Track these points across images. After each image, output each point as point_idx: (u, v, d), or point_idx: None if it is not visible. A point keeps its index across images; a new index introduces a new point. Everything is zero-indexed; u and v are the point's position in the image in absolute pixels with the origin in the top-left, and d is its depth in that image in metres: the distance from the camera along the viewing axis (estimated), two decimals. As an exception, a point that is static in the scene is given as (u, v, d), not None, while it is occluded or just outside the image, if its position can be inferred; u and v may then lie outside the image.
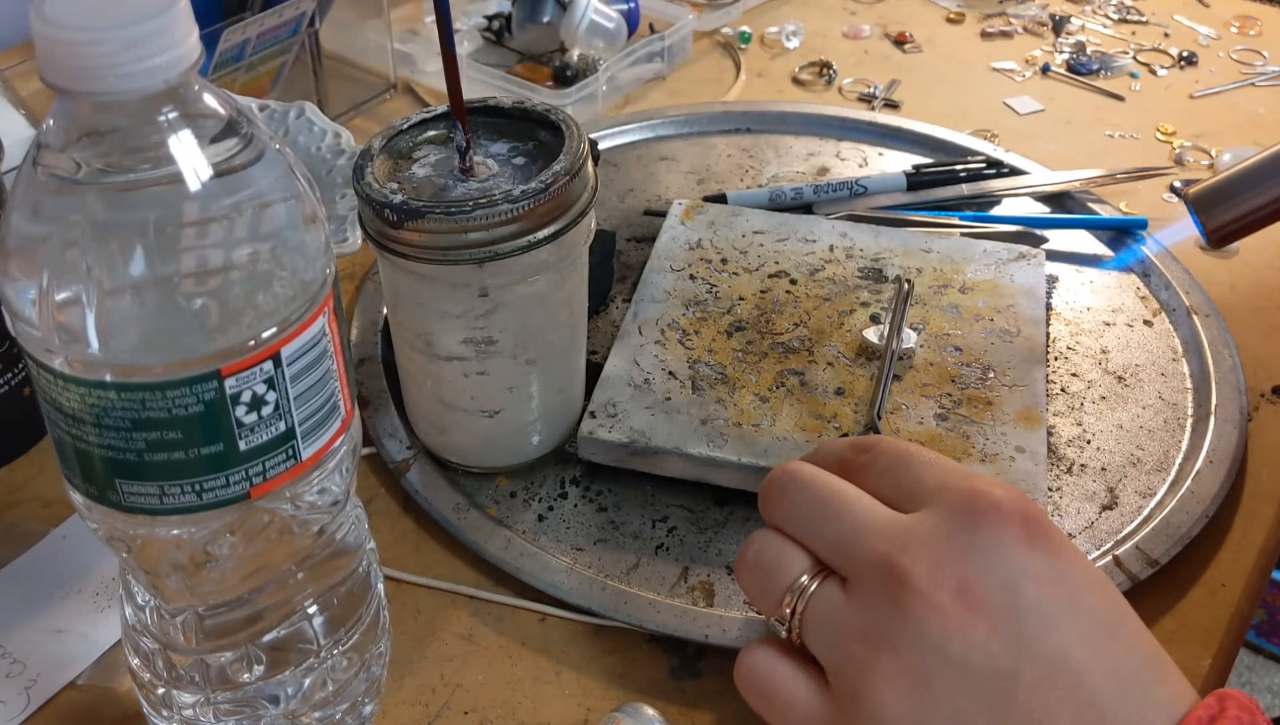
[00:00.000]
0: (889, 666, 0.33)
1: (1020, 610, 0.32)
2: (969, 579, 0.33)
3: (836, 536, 0.36)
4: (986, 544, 0.33)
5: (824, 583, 0.36)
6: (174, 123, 0.31)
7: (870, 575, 0.34)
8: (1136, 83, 0.88)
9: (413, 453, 0.55)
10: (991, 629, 0.32)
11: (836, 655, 0.35)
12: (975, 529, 0.34)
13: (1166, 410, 0.58)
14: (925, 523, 0.34)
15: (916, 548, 0.34)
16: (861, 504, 0.36)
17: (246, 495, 0.34)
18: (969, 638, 0.32)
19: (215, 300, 0.31)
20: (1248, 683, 1.43)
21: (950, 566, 0.33)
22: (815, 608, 0.36)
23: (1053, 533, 0.34)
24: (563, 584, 0.49)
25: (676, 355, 0.57)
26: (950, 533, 0.34)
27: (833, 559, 0.36)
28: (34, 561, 0.50)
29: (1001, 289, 0.61)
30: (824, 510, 0.37)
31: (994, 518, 0.34)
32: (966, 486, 0.35)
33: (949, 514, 0.34)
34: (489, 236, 0.45)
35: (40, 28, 0.29)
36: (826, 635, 0.35)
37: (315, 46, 0.79)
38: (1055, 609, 0.33)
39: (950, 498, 0.35)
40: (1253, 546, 0.52)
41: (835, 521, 0.36)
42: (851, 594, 0.35)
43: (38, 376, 0.33)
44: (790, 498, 0.38)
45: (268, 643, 0.39)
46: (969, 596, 0.33)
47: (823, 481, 0.37)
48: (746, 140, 0.79)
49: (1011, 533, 0.34)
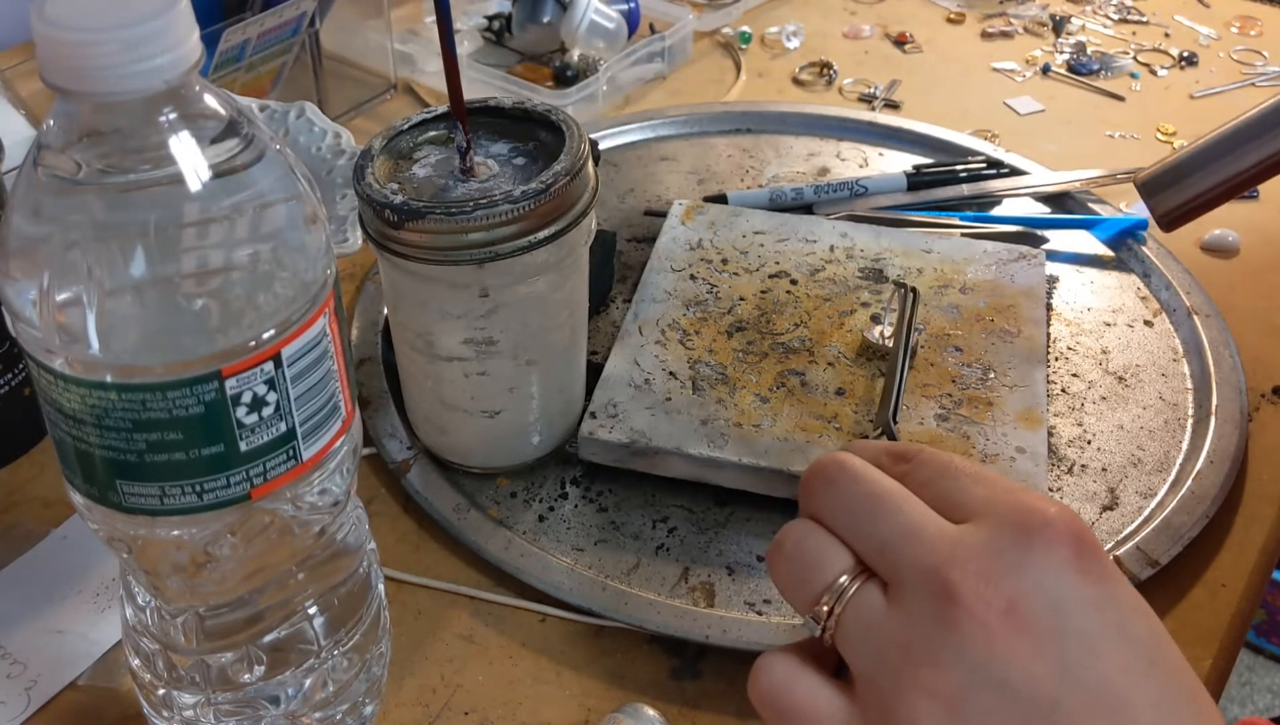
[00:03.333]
0: (928, 681, 0.32)
1: (1066, 635, 0.32)
2: (1018, 599, 0.32)
3: (885, 538, 0.35)
4: (1038, 564, 0.33)
5: (864, 585, 0.35)
6: (174, 123, 0.31)
7: (917, 584, 0.33)
8: (1137, 83, 0.88)
9: (413, 453, 0.55)
10: (1036, 652, 0.32)
11: (872, 664, 0.34)
12: (1028, 547, 0.33)
13: (1167, 411, 0.58)
14: (976, 536, 0.34)
15: (966, 561, 0.33)
16: (914, 508, 0.35)
17: (247, 496, 0.34)
18: (1013, 659, 0.32)
19: (216, 301, 0.31)
20: (1248, 683, 1.43)
21: (1000, 584, 0.32)
22: (855, 612, 0.34)
23: (1101, 556, 0.34)
24: (563, 584, 0.49)
25: (677, 355, 0.57)
26: (1001, 549, 0.33)
27: (877, 562, 0.35)
28: (34, 562, 0.50)
29: (1002, 289, 0.61)
30: (874, 509, 0.35)
31: (1047, 536, 0.33)
32: (1018, 501, 0.34)
33: (1000, 529, 0.33)
34: (489, 237, 0.45)
35: (41, 28, 0.29)
36: (864, 642, 0.34)
37: (315, 46, 0.78)
38: (1101, 636, 0.32)
39: (1001, 511, 0.34)
40: (1253, 547, 0.52)
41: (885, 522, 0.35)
42: (894, 601, 0.34)
43: (38, 377, 0.33)
44: (839, 490, 0.36)
45: (268, 643, 0.39)
46: (1017, 617, 0.32)
47: (875, 478, 0.36)
48: (747, 140, 0.79)
49: (1063, 553, 0.33)
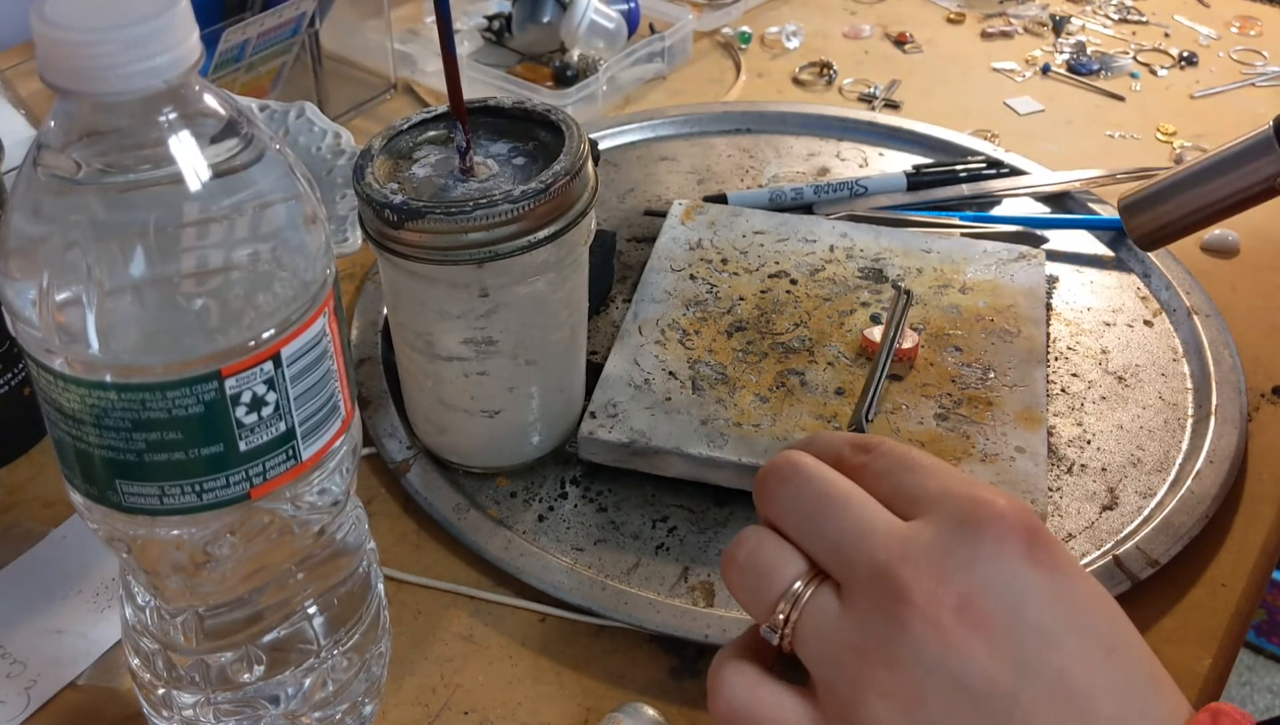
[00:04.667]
0: (884, 683, 0.32)
1: (1021, 630, 0.32)
2: (970, 595, 0.32)
3: (836, 539, 0.34)
4: (989, 559, 0.32)
5: (818, 589, 0.35)
6: (174, 123, 0.31)
7: (868, 585, 0.33)
8: (1137, 83, 0.88)
9: (413, 453, 0.55)
10: (991, 648, 0.32)
11: (830, 669, 0.34)
12: (978, 542, 0.33)
13: (1167, 410, 0.58)
14: (926, 532, 0.33)
15: (917, 559, 0.33)
16: (864, 506, 0.35)
17: (246, 496, 0.34)
18: (968, 656, 0.32)
19: (215, 300, 0.31)
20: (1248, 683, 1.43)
21: (951, 581, 0.32)
22: (810, 618, 0.34)
23: (1055, 547, 0.33)
24: (563, 584, 0.49)
25: (677, 355, 0.57)
26: (951, 544, 0.33)
27: (830, 563, 0.35)
28: (34, 561, 0.50)
29: (1002, 289, 0.61)
30: (825, 509, 0.35)
31: (997, 530, 0.33)
32: (969, 494, 0.34)
33: (950, 524, 0.33)
34: (489, 237, 0.45)
35: (41, 28, 0.29)
36: (820, 647, 0.34)
37: (315, 46, 0.78)
38: (1056, 628, 0.32)
39: (952, 506, 0.34)
40: (1253, 546, 0.52)
41: (836, 522, 0.35)
42: (847, 604, 0.34)
43: (38, 377, 0.33)
44: (791, 491, 0.36)
45: (268, 643, 0.39)
46: (969, 614, 0.32)
47: (826, 478, 0.36)
48: (746, 140, 0.79)
49: (1014, 547, 0.33)
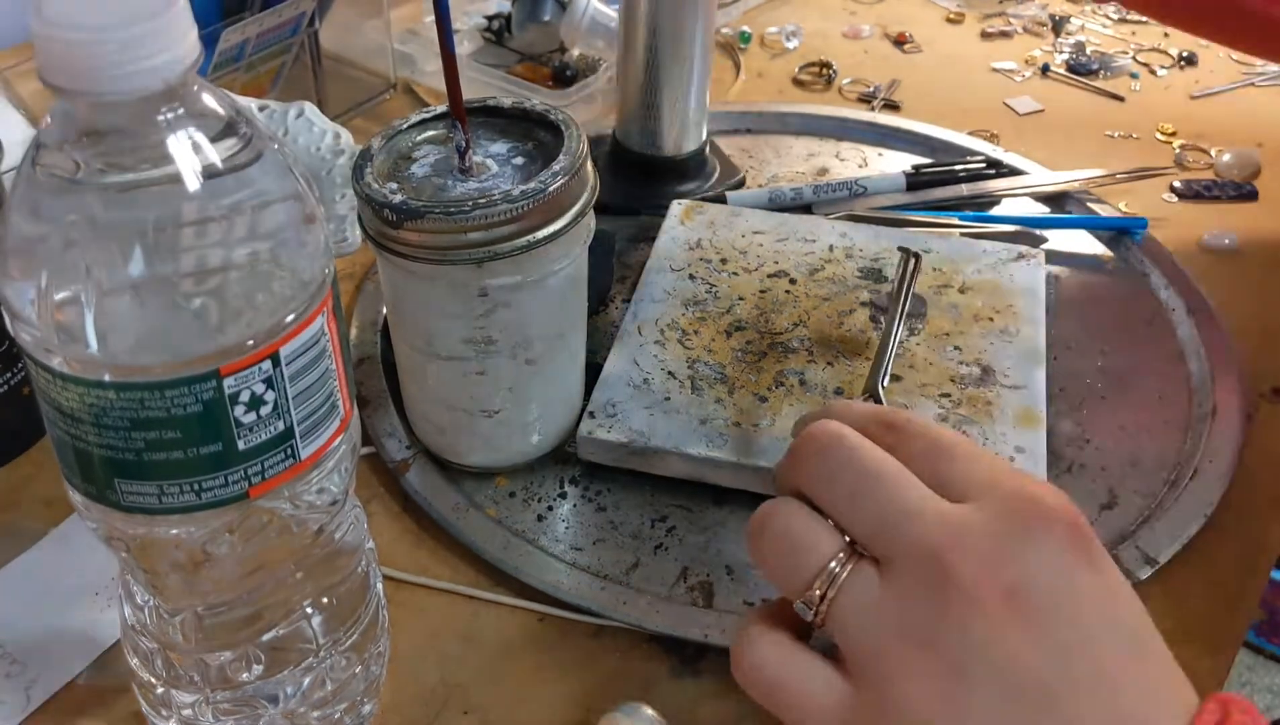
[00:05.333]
0: (923, 664, 0.32)
1: (1065, 624, 0.32)
2: (1018, 586, 0.32)
3: (880, 517, 0.34)
4: (1037, 551, 0.33)
5: (857, 567, 0.34)
6: (173, 123, 0.31)
7: (914, 565, 0.33)
8: (1136, 83, 0.88)
9: (412, 453, 0.55)
10: (1036, 639, 0.32)
11: (866, 648, 0.33)
12: (1028, 535, 0.33)
13: (1167, 410, 0.58)
14: (976, 519, 0.33)
15: (968, 546, 0.33)
16: (913, 487, 0.34)
17: (245, 495, 0.34)
18: (1012, 645, 0.32)
19: (214, 300, 0.31)
20: (1248, 683, 1.43)
21: (1001, 571, 0.32)
22: (848, 596, 0.34)
23: (1096, 545, 0.34)
24: (562, 584, 0.49)
25: (676, 355, 0.57)
26: (1002, 535, 0.33)
27: (871, 542, 0.34)
28: (34, 561, 0.50)
29: (1001, 289, 0.61)
30: (872, 487, 0.34)
31: (1048, 524, 0.33)
32: (1019, 486, 0.34)
33: (1002, 514, 0.33)
34: (488, 236, 0.45)
35: (39, 28, 0.29)
36: (858, 626, 0.34)
37: (315, 46, 0.78)
38: (1096, 624, 0.32)
39: (1002, 496, 0.34)
40: (1253, 547, 0.52)
41: (884, 502, 0.34)
42: (888, 582, 0.33)
43: (36, 376, 0.33)
44: (832, 464, 0.35)
45: (267, 642, 0.39)
46: (1017, 604, 0.32)
47: (871, 453, 0.35)
48: (746, 140, 0.79)
49: (1063, 543, 0.33)
